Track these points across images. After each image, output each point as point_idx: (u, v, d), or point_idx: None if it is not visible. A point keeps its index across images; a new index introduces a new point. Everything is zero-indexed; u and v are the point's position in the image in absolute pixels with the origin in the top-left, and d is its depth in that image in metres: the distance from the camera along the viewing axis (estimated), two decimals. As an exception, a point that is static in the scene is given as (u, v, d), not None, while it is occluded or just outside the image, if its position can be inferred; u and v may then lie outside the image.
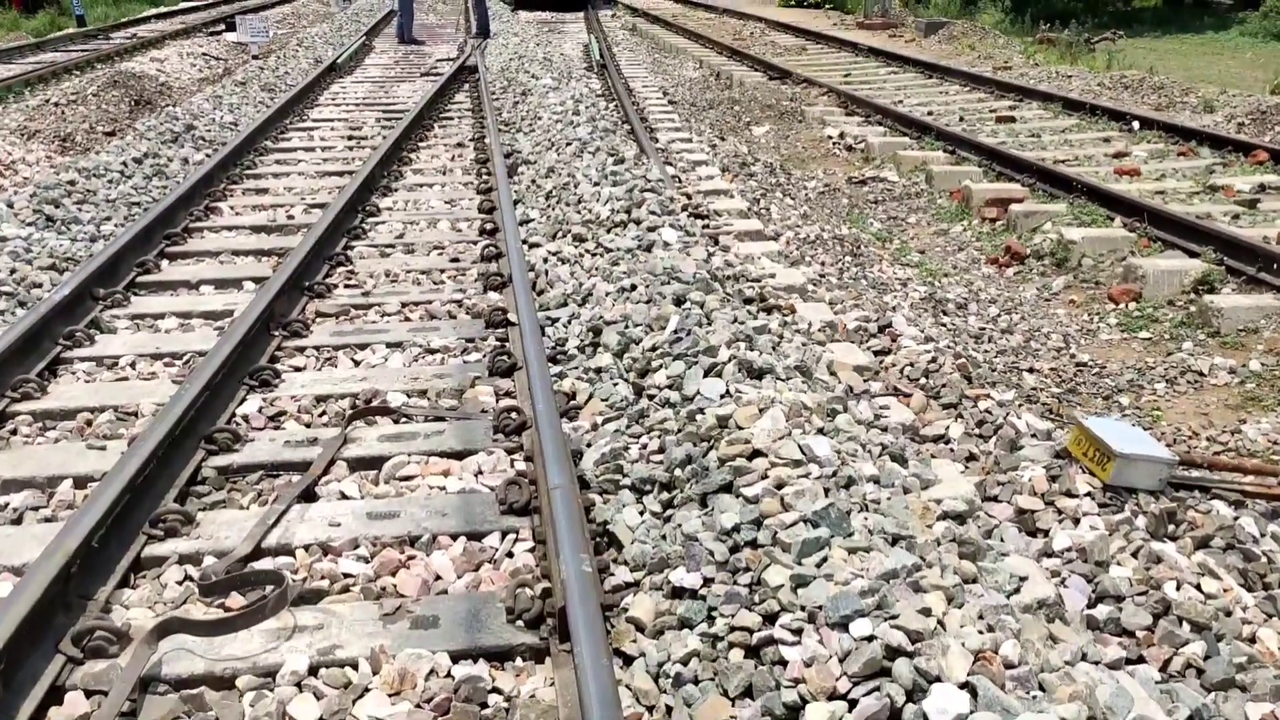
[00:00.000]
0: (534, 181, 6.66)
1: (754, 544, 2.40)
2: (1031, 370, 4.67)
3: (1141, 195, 7.02)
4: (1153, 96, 12.57)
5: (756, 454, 2.69)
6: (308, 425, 3.59)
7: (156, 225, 5.72)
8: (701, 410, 2.91)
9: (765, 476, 2.60)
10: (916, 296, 5.63)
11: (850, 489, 2.58)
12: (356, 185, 6.62)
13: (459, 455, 3.31)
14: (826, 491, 2.51)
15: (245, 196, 6.90)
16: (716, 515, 2.51)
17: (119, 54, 15.79)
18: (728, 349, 3.19)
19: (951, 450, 3.38)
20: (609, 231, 5.00)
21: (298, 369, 4.07)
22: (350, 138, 9.00)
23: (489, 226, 5.92)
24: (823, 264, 5.82)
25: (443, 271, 5.25)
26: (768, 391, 2.92)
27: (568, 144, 7.12)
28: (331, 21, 21.08)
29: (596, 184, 5.77)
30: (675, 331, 3.45)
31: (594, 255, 4.82)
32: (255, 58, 15.83)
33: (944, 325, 5.10)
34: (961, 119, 10.32)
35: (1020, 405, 3.89)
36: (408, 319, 4.60)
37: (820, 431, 2.85)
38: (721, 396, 2.96)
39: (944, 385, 3.85)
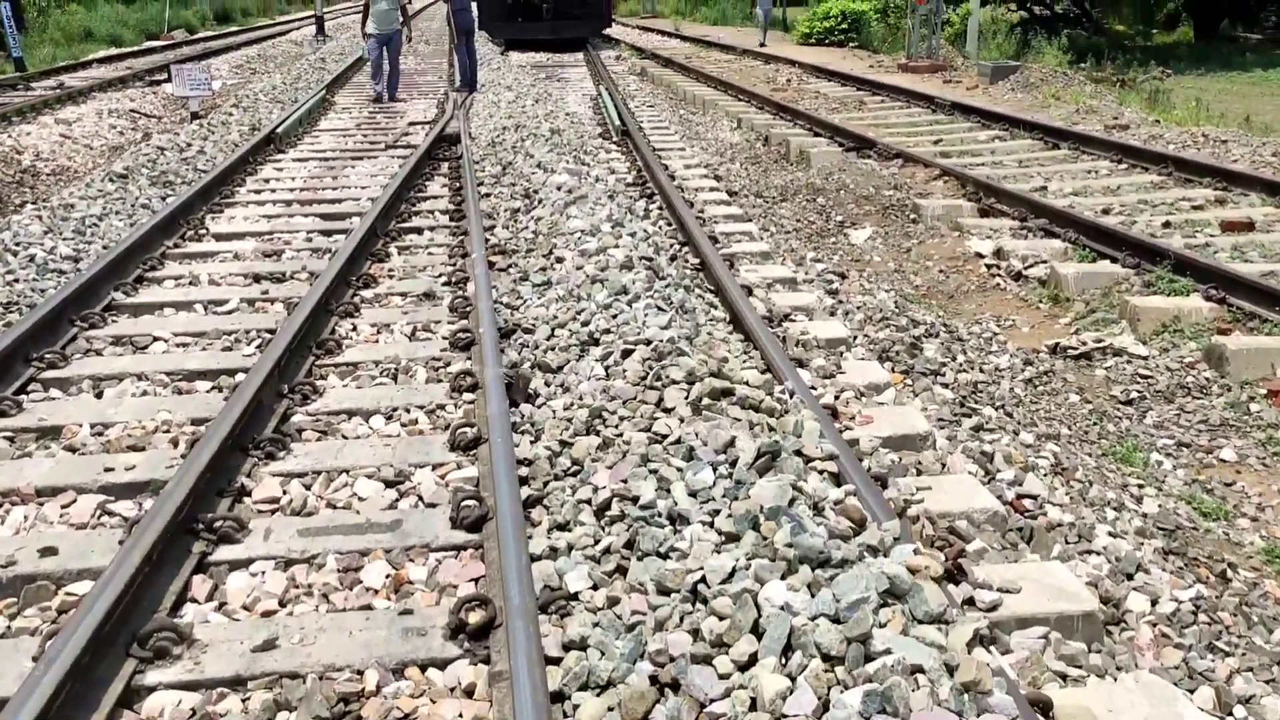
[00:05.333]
0: (563, 442, 3.32)
1: None
2: None
3: None
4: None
5: None
6: None
7: None
8: None
9: None
10: None
11: None
12: (224, 432, 3.34)
13: None
14: None
15: None
16: None
17: (20, 113, 12.46)
18: None
19: None
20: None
21: None
22: (257, 279, 5.70)
23: (472, 593, 2.58)
24: (1227, 700, 2.50)
25: None
26: None
27: (621, 345, 3.78)
28: (291, 70, 17.86)
29: (716, 508, 2.44)
30: None
31: None
32: (195, 115, 12.67)
33: None
34: (1167, 224, 7.07)
35: None
36: None
37: None
38: None
39: None
